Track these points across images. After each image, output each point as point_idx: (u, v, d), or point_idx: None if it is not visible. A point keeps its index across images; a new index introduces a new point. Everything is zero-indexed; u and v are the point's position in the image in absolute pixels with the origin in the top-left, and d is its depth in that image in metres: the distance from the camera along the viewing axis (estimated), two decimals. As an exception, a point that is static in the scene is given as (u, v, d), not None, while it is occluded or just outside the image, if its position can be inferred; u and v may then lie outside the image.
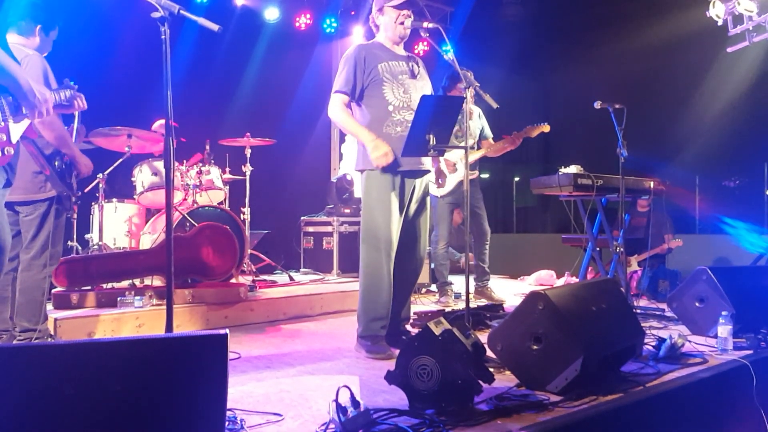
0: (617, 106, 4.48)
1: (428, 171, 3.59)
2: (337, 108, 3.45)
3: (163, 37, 2.31)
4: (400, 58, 3.54)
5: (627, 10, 8.94)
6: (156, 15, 2.31)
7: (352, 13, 8.17)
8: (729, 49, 5.70)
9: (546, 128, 5.17)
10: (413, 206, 3.55)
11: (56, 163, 3.13)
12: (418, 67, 3.60)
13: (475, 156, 5.25)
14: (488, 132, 5.43)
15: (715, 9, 5.54)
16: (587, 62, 9.81)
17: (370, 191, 3.44)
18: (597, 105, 4.49)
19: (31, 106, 2.33)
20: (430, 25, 3.42)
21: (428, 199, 3.68)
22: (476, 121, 5.35)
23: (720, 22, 5.54)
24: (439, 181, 5.10)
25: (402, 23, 3.46)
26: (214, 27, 2.42)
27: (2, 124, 2.28)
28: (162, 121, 5.50)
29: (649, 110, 8.65)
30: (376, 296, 3.38)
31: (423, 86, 3.57)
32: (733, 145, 8.61)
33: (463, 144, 5.25)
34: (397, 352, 3.33)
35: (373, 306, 3.38)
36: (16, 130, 2.38)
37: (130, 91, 6.06)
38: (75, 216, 4.90)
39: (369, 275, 3.41)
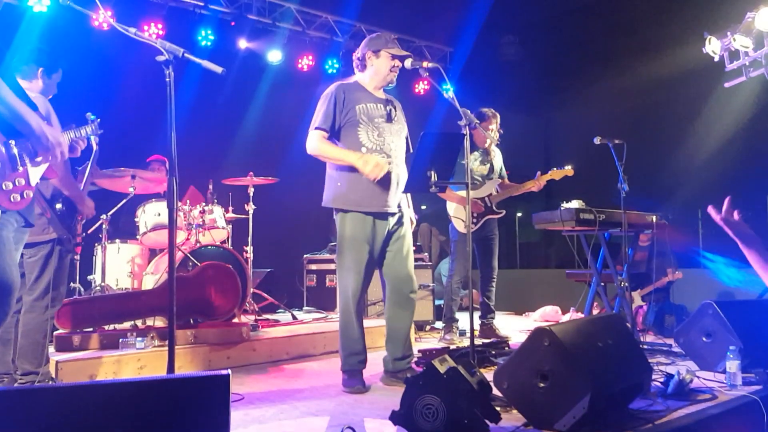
0: (617, 142, 4.52)
1: (395, 213, 3.59)
2: (315, 141, 3.47)
3: (167, 80, 2.35)
4: (378, 101, 3.58)
5: (625, 48, 9.06)
6: (161, 58, 2.35)
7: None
8: (726, 84, 5.77)
9: (570, 172, 5.30)
10: (393, 247, 3.60)
11: (57, 206, 3.15)
12: (395, 111, 3.64)
13: (501, 197, 5.37)
14: (504, 172, 5.54)
15: (712, 45, 5.63)
16: (586, 99, 9.90)
17: (343, 231, 3.54)
18: (597, 141, 4.53)
19: (44, 150, 2.36)
20: (430, 65, 3.48)
21: (407, 233, 3.68)
22: (498, 161, 5.50)
23: (717, 58, 5.62)
24: (475, 214, 5.18)
25: (393, 71, 3.55)
26: (218, 69, 2.46)
27: (21, 169, 2.30)
28: (155, 157, 5.58)
29: (650, 145, 8.70)
30: (348, 332, 3.52)
31: (399, 130, 3.63)
32: (734, 178, 8.62)
33: (492, 183, 5.35)
34: (367, 387, 3.45)
35: (347, 341, 3.52)
36: (35, 173, 2.40)
37: (134, 132, 6.13)
38: (78, 257, 4.90)
39: (342, 311, 3.55)
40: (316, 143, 3.47)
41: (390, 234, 3.58)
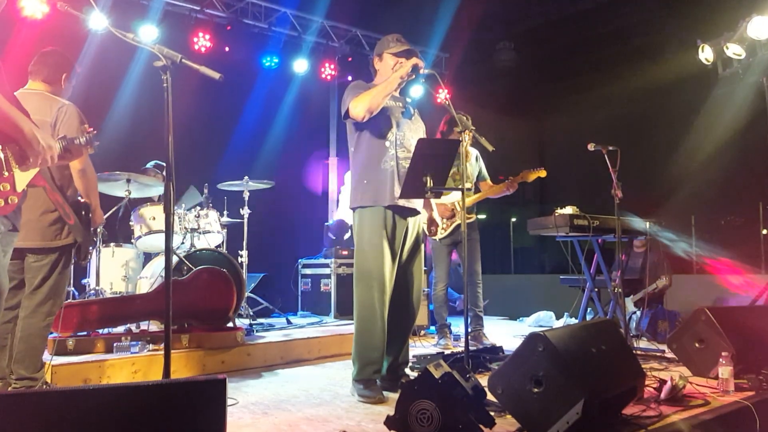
0: (610, 148, 4.53)
1: (414, 211, 3.57)
2: (356, 102, 3.33)
3: (164, 85, 2.35)
4: (396, 99, 3.62)
5: (619, 54, 9.13)
6: (158, 64, 2.35)
7: (349, 59, 8.33)
8: (719, 91, 5.83)
9: (542, 173, 5.21)
10: (407, 249, 3.56)
11: (83, 213, 3.15)
12: (413, 109, 3.69)
13: (473, 199, 5.22)
14: (485, 174, 5.46)
15: (705, 53, 5.69)
16: (581, 105, 9.96)
17: (362, 231, 3.44)
18: (590, 147, 4.55)
19: (35, 154, 2.35)
20: (426, 71, 3.49)
21: (422, 243, 3.68)
22: (474, 164, 5.40)
23: (710, 66, 5.68)
24: (431, 229, 5.09)
25: (396, 69, 3.55)
26: (216, 75, 2.45)
27: (6, 174, 2.29)
28: (152, 162, 5.57)
29: (644, 151, 8.75)
30: (369, 339, 3.36)
31: (417, 128, 3.64)
32: (727, 183, 8.69)
33: (461, 186, 5.30)
34: (389, 396, 3.31)
35: (366, 350, 3.37)
36: (23, 178, 2.39)
37: (129, 136, 6.13)
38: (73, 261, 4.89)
39: (362, 318, 3.39)
40: (357, 102, 3.33)
41: (408, 234, 3.54)
